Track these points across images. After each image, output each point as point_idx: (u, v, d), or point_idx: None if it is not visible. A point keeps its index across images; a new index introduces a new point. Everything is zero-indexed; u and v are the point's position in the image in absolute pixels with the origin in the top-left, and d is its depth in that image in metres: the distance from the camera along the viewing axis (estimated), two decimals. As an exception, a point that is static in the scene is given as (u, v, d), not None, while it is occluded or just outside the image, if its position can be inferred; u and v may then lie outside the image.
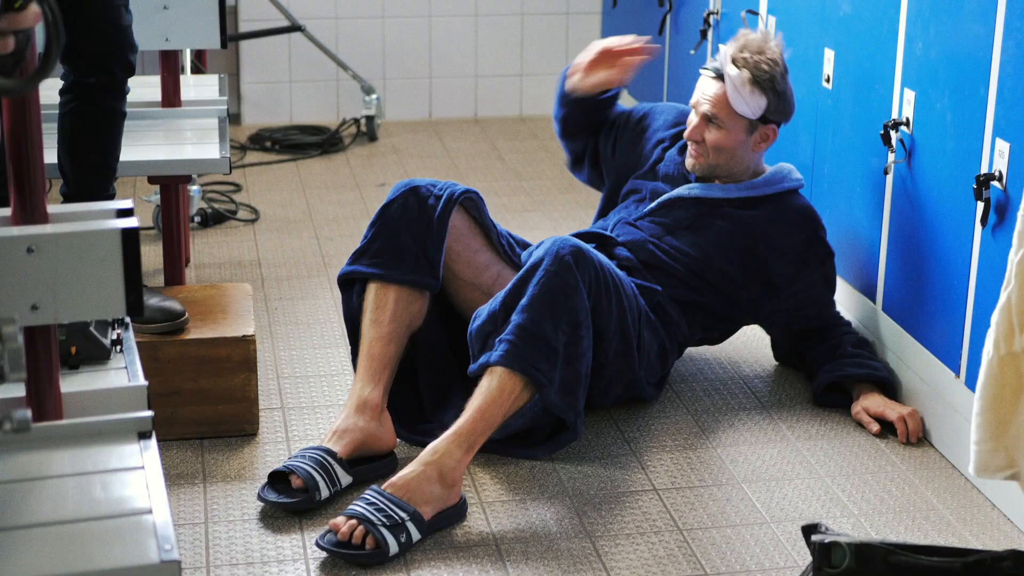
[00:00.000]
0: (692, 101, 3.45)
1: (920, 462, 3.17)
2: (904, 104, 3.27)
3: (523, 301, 3.01)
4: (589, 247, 3.10)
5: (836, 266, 3.48)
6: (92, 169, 3.20)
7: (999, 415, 2.38)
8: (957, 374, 3.11)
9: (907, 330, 3.33)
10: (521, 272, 3.06)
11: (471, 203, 3.29)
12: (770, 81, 3.35)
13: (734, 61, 3.35)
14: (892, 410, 3.29)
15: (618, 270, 3.20)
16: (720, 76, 3.37)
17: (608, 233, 3.44)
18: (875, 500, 3.01)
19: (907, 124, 3.26)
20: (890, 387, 3.36)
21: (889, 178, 3.37)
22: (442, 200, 3.22)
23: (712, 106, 3.38)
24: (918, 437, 3.26)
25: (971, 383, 2.97)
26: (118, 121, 3.21)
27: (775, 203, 3.43)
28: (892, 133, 3.29)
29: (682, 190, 3.45)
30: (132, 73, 3.22)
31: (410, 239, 3.20)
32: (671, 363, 3.42)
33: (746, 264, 3.39)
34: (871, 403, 3.33)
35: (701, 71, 3.44)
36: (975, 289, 3.02)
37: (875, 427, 3.29)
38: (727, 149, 3.40)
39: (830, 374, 3.39)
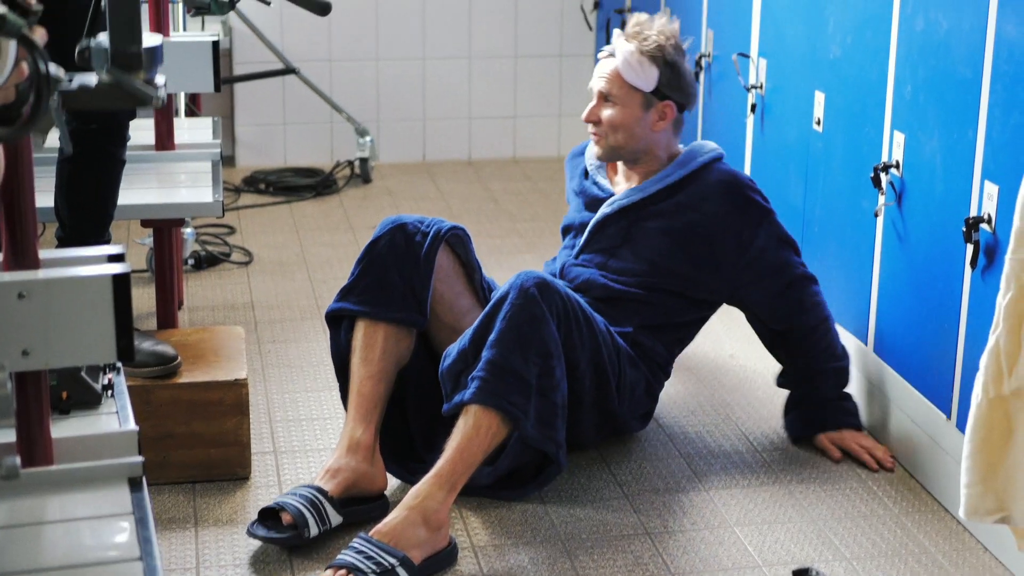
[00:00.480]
0: (589, 85, 3.46)
1: (912, 505, 3.17)
2: (894, 147, 3.29)
3: (491, 336, 3.01)
4: (554, 279, 3.11)
5: (782, 224, 3.41)
6: (89, 215, 3.21)
7: (988, 458, 2.39)
8: (948, 416, 3.11)
9: (898, 372, 3.34)
10: (488, 308, 3.06)
11: (457, 240, 3.30)
12: (659, 50, 3.35)
13: (625, 37, 3.39)
14: (854, 442, 3.38)
15: (587, 305, 3.21)
16: (614, 55, 3.40)
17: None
18: (867, 543, 3.01)
19: (897, 167, 3.27)
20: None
21: (880, 220, 3.39)
22: (429, 237, 3.23)
23: (606, 83, 3.39)
24: (890, 460, 3.33)
25: (962, 425, 2.97)
26: (117, 168, 3.23)
27: (695, 181, 3.40)
28: (882, 176, 3.31)
29: (604, 208, 3.43)
30: (133, 117, 3.23)
31: (397, 276, 3.20)
32: (659, 391, 3.42)
33: (691, 254, 3.36)
34: (837, 434, 3.41)
35: (598, 56, 3.47)
36: (965, 331, 3.03)
37: (837, 455, 3.37)
38: (624, 126, 3.38)
39: (811, 429, 3.44)
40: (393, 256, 3.22)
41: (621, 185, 3.49)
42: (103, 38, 2.04)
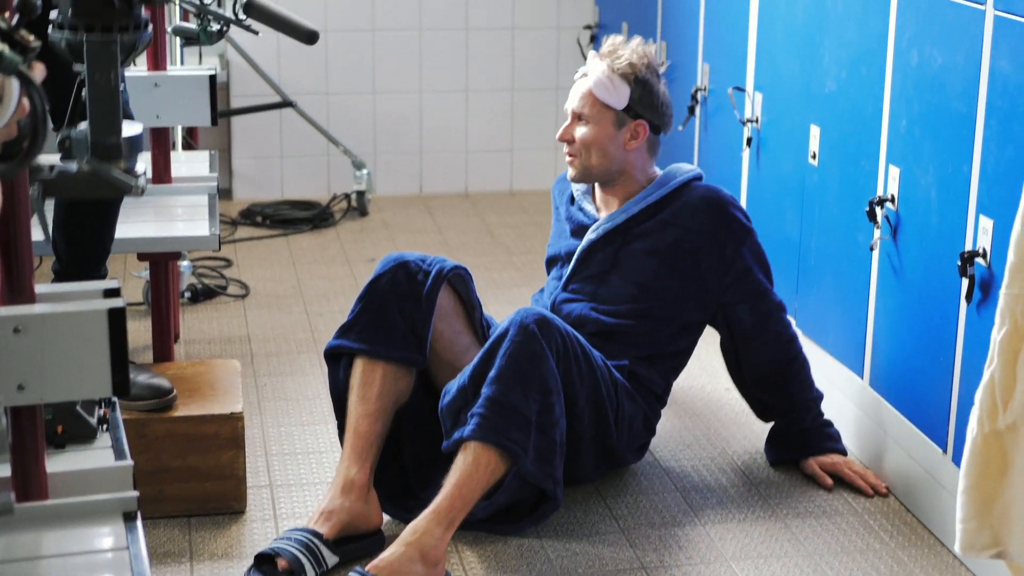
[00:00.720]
0: (565, 106, 3.47)
1: (908, 539, 3.16)
2: (889, 181, 3.30)
3: (491, 373, 3.01)
4: (553, 316, 3.11)
5: (760, 245, 3.43)
6: (87, 250, 3.21)
7: (984, 493, 2.39)
8: (944, 450, 3.11)
9: (894, 405, 3.34)
10: (488, 344, 3.07)
11: (459, 280, 3.30)
12: (631, 68, 3.36)
13: (599, 57, 3.40)
14: (847, 468, 3.39)
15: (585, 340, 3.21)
16: (587, 75, 3.41)
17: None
18: (863, 577, 3.01)
19: (892, 201, 3.28)
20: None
21: (875, 254, 3.39)
22: (431, 276, 3.23)
23: (579, 102, 3.40)
24: (883, 485, 3.35)
25: (958, 460, 2.96)
26: (116, 205, 3.23)
27: (677, 199, 3.40)
28: (878, 209, 3.32)
29: (589, 235, 3.43)
30: None
31: (398, 315, 3.20)
32: (656, 423, 3.42)
33: (678, 272, 3.37)
34: (825, 459, 3.42)
35: (574, 77, 3.48)
36: (961, 365, 3.03)
37: (828, 481, 3.38)
38: (597, 145, 3.38)
39: (797, 454, 3.47)
40: (394, 294, 3.21)
41: (602, 212, 3.50)
42: (83, 127, 2.07)
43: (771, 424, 3.56)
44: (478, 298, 3.36)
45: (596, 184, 3.50)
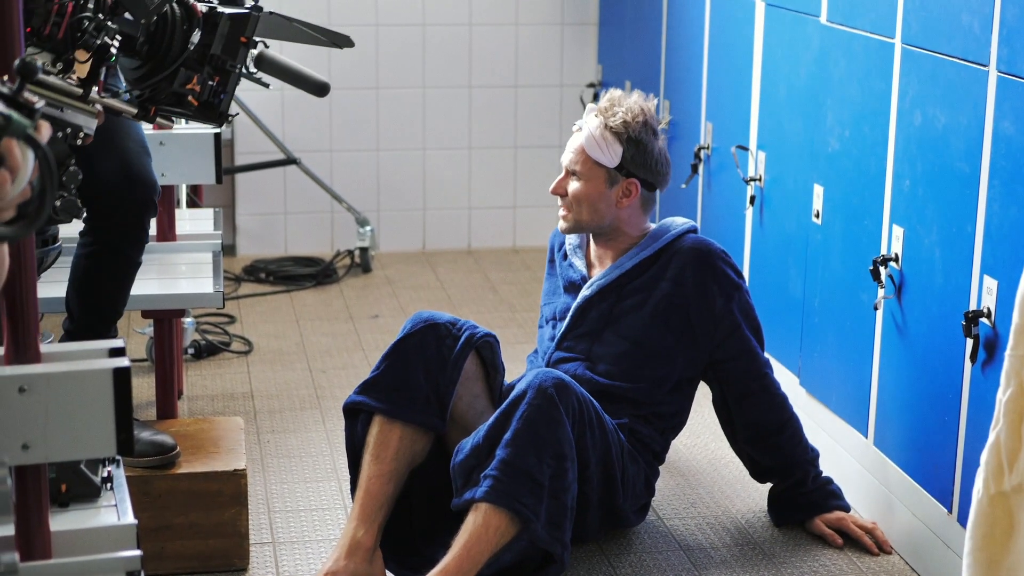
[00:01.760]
0: (560, 159, 3.47)
1: (914, 599, 3.15)
2: (893, 240, 3.30)
3: (507, 435, 3.00)
4: (571, 380, 3.10)
5: (751, 301, 3.43)
6: (99, 312, 3.22)
7: (990, 555, 2.38)
8: (949, 511, 3.10)
9: (899, 465, 3.33)
10: (504, 405, 3.05)
11: (487, 346, 3.27)
12: (624, 127, 3.35)
13: (595, 113, 3.40)
14: (853, 524, 3.38)
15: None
16: (582, 129, 3.41)
17: None
18: (869, 638, 2.99)
19: (896, 260, 3.29)
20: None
21: (879, 314, 3.39)
22: (460, 342, 3.20)
23: (573, 157, 3.40)
24: (888, 543, 3.35)
25: (964, 520, 2.96)
26: (132, 271, 3.24)
27: (668, 252, 3.39)
28: (882, 269, 3.32)
29: (584, 291, 3.43)
30: (153, 213, 3.24)
31: (423, 377, 3.17)
32: (655, 481, 3.42)
33: (671, 326, 3.36)
34: (831, 516, 3.42)
35: (572, 129, 3.48)
36: (966, 425, 3.02)
37: (839, 540, 3.38)
38: (588, 200, 3.38)
39: (803, 514, 3.46)
40: (421, 356, 3.19)
41: (596, 267, 3.50)
42: None
43: (771, 487, 3.54)
44: (503, 364, 3.33)
45: (591, 238, 3.50)
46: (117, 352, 2.00)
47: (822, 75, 3.67)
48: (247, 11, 2.58)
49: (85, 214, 3.23)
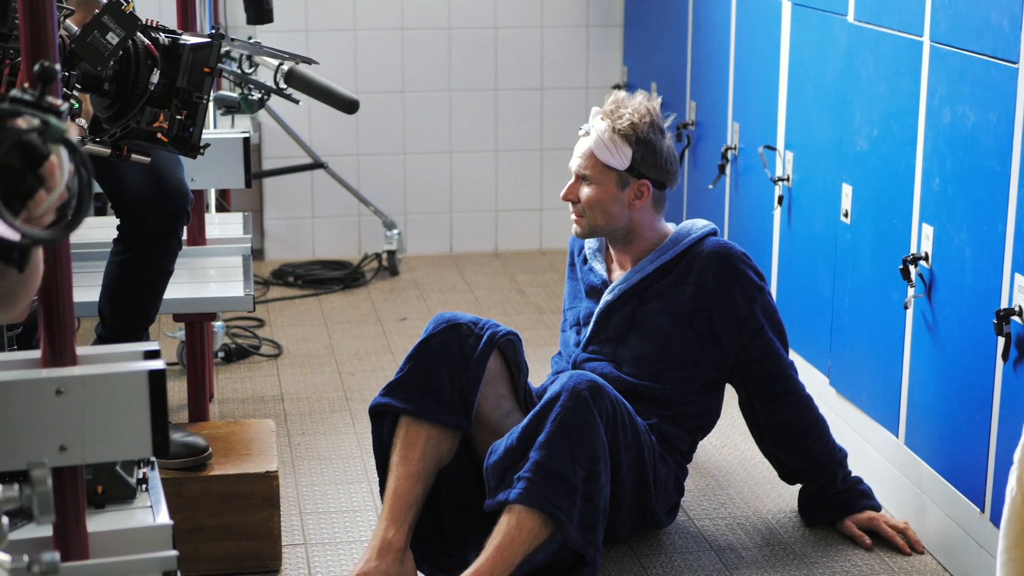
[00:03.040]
0: (569, 164, 3.46)
1: (946, 598, 3.14)
2: (923, 239, 3.30)
3: (541, 438, 3.00)
4: (605, 382, 3.10)
5: (773, 303, 3.41)
6: (131, 320, 3.25)
7: (1023, 554, 2.37)
8: (982, 510, 3.09)
9: (930, 464, 3.32)
10: (538, 407, 3.06)
11: (510, 345, 3.27)
12: (632, 128, 3.34)
13: (601, 115, 3.39)
14: (885, 523, 3.36)
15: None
16: (589, 133, 3.40)
17: None
18: (902, 637, 2.98)
19: (926, 259, 3.28)
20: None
21: (909, 313, 3.39)
22: (483, 341, 3.21)
23: (583, 162, 3.39)
24: (920, 543, 3.35)
25: (996, 519, 2.95)
26: (164, 279, 3.26)
27: (690, 256, 3.38)
28: (911, 268, 3.31)
29: (606, 296, 3.43)
30: (187, 221, 3.26)
31: (447, 377, 3.18)
32: (684, 480, 3.41)
33: (695, 330, 3.35)
34: (862, 516, 3.41)
35: (578, 134, 3.47)
36: (998, 424, 3.02)
37: (868, 541, 3.37)
38: (600, 204, 3.37)
39: (835, 514, 3.45)
40: (444, 356, 3.20)
41: (616, 271, 3.50)
42: None
43: (800, 488, 3.53)
44: (526, 363, 3.33)
45: (608, 243, 3.50)
46: (152, 355, 2.01)
47: (850, 74, 3.67)
48: (208, 40, 2.58)
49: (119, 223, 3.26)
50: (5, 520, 1.58)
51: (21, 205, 1.56)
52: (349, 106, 3.28)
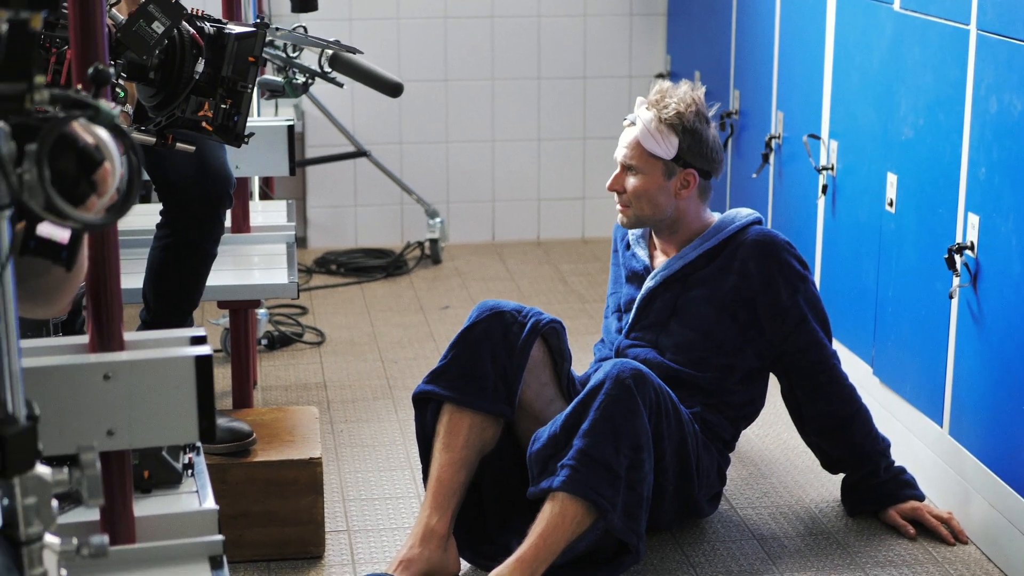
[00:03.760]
0: (614, 155, 3.45)
1: (990, 589, 3.13)
2: (968, 228, 3.28)
3: (584, 425, 3.01)
4: (648, 370, 3.10)
5: (817, 292, 3.40)
6: (175, 304, 3.27)
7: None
8: (1027, 500, 3.08)
9: (975, 454, 3.31)
10: (582, 395, 3.06)
11: (553, 333, 3.27)
12: (678, 118, 3.32)
13: (646, 105, 3.37)
14: (928, 514, 3.35)
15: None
16: (635, 123, 3.39)
17: None
18: (945, 628, 2.97)
19: (972, 248, 3.26)
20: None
21: (954, 302, 3.37)
22: (526, 328, 3.21)
23: (627, 152, 3.38)
24: (964, 533, 3.33)
25: (1041, 509, 2.94)
26: (207, 263, 3.28)
27: (733, 244, 3.37)
28: (957, 257, 3.30)
29: (648, 282, 3.42)
30: (229, 204, 3.28)
31: (490, 365, 3.19)
32: (726, 469, 3.41)
33: (737, 319, 3.34)
34: (905, 506, 3.40)
35: (622, 124, 3.46)
36: (1043, 414, 3.00)
37: (912, 531, 3.36)
38: (647, 194, 3.36)
39: (879, 505, 3.44)
40: (488, 344, 3.20)
41: (660, 259, 3.49)
42: None
43: (843, 477, 3.52)
44: (569, 351, 3.33)
45: (652, 231, 3.50)
46: (199, 340, 2.03)
47: (895, 63, 3.65)
48: (253, 29, 2.59)
49: (162, 207, 3.28)
50: (55, 503, 1.59)
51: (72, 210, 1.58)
52: (393, 89, 3.28)
